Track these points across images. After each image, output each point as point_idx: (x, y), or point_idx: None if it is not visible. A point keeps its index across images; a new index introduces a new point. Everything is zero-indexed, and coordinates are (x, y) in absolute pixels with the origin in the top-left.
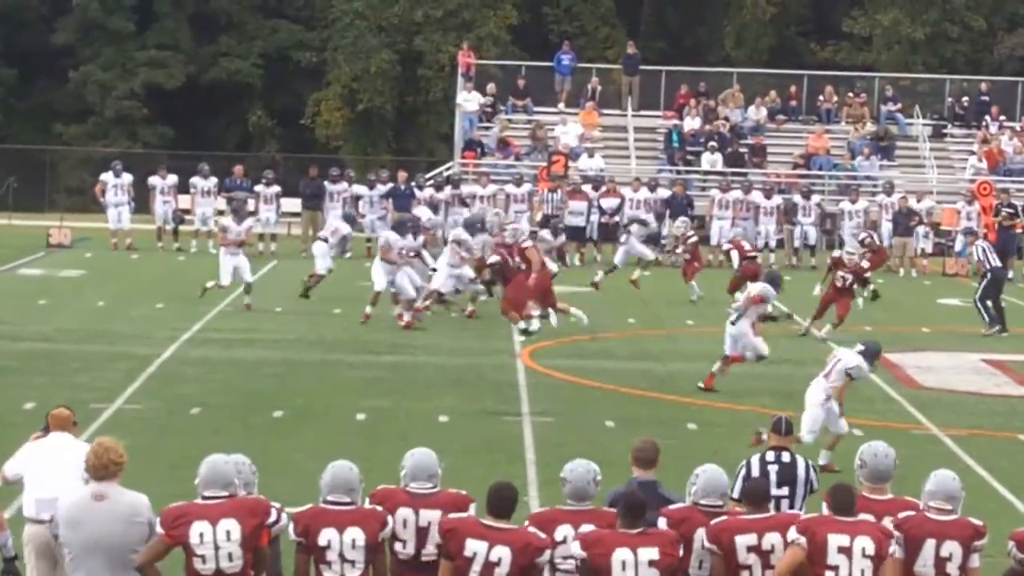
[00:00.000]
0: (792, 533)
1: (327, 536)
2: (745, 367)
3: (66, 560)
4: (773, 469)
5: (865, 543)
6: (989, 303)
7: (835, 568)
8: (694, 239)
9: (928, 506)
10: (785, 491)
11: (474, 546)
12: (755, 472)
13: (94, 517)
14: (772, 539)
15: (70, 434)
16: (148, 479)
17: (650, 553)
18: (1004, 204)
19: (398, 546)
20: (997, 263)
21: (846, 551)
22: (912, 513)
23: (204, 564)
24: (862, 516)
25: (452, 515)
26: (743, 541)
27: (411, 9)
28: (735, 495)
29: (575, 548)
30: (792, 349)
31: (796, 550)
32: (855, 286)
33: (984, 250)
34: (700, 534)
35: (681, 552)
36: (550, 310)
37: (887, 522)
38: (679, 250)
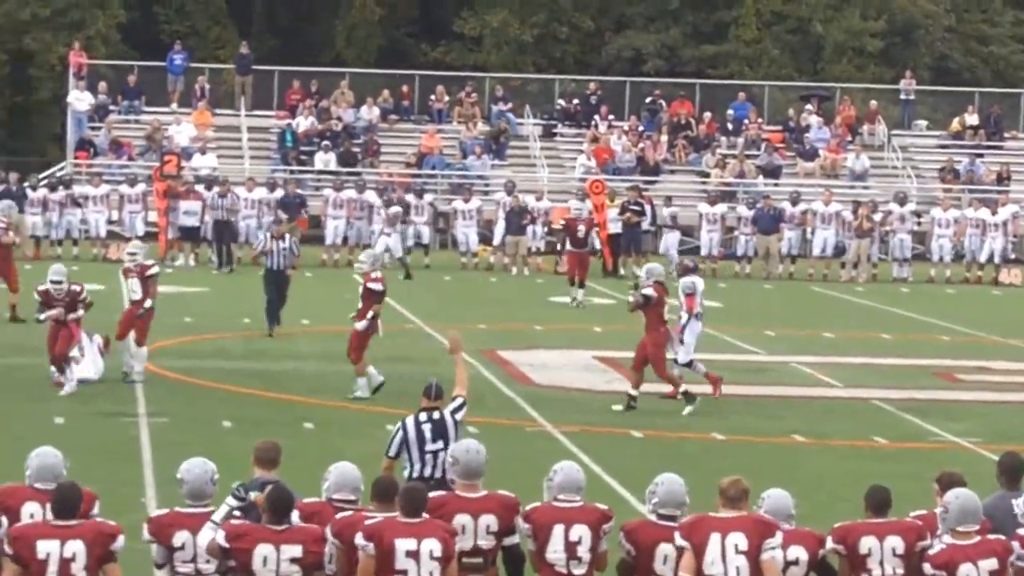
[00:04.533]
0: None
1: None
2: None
3: None
4: (427, 427)
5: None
6: None
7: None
8: None
9: (556, 498)
10: (440, 444)
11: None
12: (411, 430)
13: None
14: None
15: None
16: None
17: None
18: (630, 202)
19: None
20: None
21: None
22: (537, 504)
23: None
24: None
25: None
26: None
27: (18, 9)
28: (390, 453)
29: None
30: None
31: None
32: None
33: None
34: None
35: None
36: None
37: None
38: None
